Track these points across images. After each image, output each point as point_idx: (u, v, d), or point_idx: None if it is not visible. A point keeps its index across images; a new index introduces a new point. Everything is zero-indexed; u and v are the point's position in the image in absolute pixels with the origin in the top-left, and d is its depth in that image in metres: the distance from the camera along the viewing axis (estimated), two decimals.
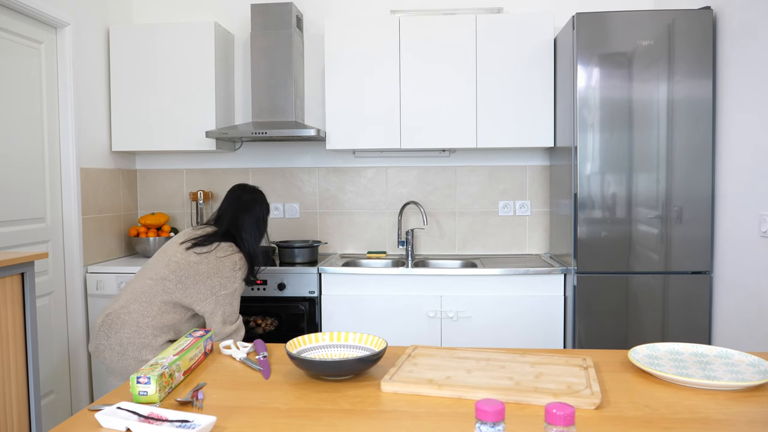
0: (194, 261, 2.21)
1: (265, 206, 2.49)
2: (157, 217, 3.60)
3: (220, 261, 2.22)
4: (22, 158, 2.81)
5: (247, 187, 2.52)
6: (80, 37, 3.18)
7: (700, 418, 1.08)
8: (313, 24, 3.67)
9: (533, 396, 1.15)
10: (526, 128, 3.27)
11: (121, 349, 2.11)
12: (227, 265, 2.23)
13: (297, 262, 3.28)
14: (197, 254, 2.22)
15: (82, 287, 3.19)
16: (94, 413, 1.09)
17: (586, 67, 2.87)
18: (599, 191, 2.90)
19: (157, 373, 1.19)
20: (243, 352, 1.51)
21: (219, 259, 2.23)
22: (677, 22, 2.82)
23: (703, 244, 2.85)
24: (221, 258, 2.23)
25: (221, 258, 2.23)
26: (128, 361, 2.11)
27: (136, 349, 2.11)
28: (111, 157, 3.51)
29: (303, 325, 3.11)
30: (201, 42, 3.39)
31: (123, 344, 2.11)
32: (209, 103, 3.40)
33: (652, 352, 1.43)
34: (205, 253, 2.23)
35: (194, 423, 1.05)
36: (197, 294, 2.18)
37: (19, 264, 2.14)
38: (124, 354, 2.11)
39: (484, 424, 0.84)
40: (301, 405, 1.17)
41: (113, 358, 2.12)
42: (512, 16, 3.27)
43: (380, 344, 1.39)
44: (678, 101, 2.83)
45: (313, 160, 3.73)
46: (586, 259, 2.92)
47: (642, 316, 2.90)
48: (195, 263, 2.20)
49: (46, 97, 2.98)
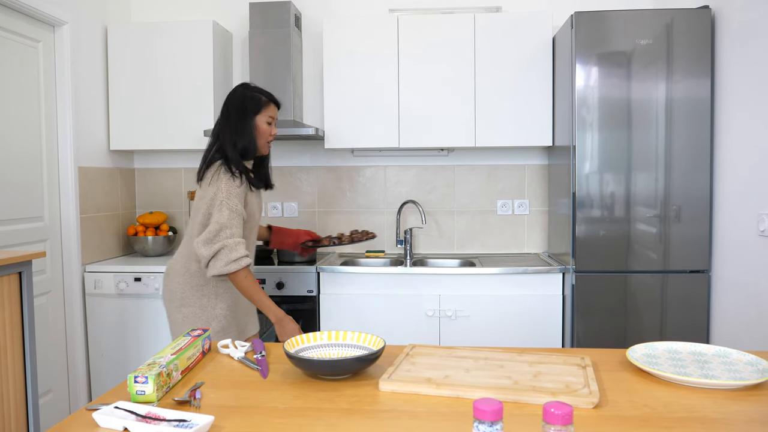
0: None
1: (237, 96, 2.18)
2: (155, 216, 3.60)
3: (203, 188, 2.12)
4: (20, 157, 2.81)
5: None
6: (78, 35, 3.17)
7: (698, 417, 1.08)
8: (311, 23, 3.67)
9: (531, 395, 1.15)
10: (524, 127, 3.27)
11: (170, 295, 2.19)
12: (205, 183, 2.11)
13: (295, 261, 3.27)
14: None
15: (80, 286, 3.18)
16: (91, 413, 1.09)
17: (585, 66, 2.86)
18: (598, 190, 2.90)
19: (155, 372, 1.19)
20: (241, 351, 1.51)
21: (204, 188, 2.12)
22: (676, 22, 2.82)
23: (701, 243, 2.85)
24: (204, 183, 2.13)
25: (204, 183, 2.13)
26: (172, 311, 2.18)
27: (177, 298, 2.16)
28: (109, 155, 3.50)
29: (301, 324, 3.11)
30: (199, 41, 3.39)
31: (171, 291, 2.18)
32: (207, 101, 3.40)
33: (650, 351, 1.43)
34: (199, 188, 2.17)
35: (192, 422, 1.04)
36: (191, 229, 2.15)
37: (17, 263, 2.14)
38: (171, 301, 2.18)
39: (482, 423, 0.83)
40: (299, 404, 1.17)
41: (166, 306, 2.21)
42: (511, 15, 3.27)
43: (378, 343, 1.39)
44: (677, 100, 2.83)
45: (312, 159, 3.73)
46: (585, 258, 2.92)
47: (640, 315, 2.90)
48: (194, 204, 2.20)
49: (44, 96, 2.97)
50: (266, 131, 2.18)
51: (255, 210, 2.21)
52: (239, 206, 2.06)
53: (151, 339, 3.17)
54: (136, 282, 3.16)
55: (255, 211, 2.21)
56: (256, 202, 2.23)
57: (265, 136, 2.19)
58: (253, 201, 2.20)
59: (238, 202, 2.06)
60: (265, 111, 2.18)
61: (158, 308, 3.16)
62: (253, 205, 2.19)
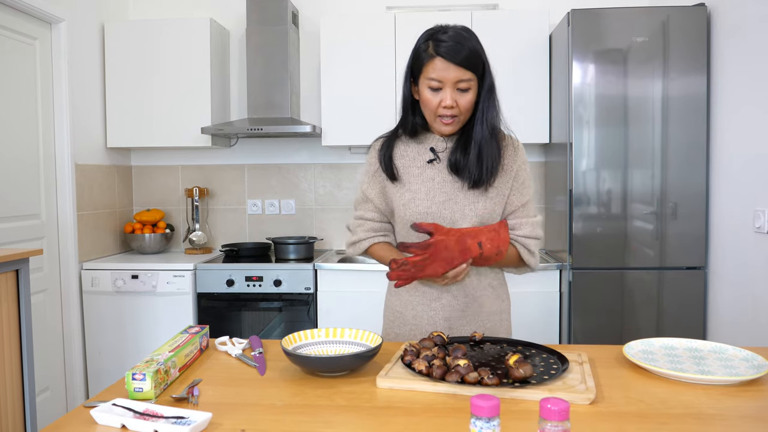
0: None
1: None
2: (152, 214, 3.59)
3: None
4: (17, 154, 2.80)
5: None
6: (75, 33, 3.16)
7: (694, 413, 1.08)
8: (308, 20, 3.66)
9: (528, 391, 1.16)
10: (521, 124, 3.23)
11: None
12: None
13: (293, 258, 3.27)
14: None
15: (78, 284, 3.18)
16: (89, 410, 1.09)
17: (581, 63, 2.87)
18: (594, 187, 2.91)
19: (153, 369, 1.19)
20: (238, 348, 1.51)
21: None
22: (672, 19, 2.82)
23: (697, 239, 2.86)
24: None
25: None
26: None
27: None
28: (106, 153, 3.50)
29: (299, 321, 3.11)
30: (196, 38, 3.38)
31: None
32: (205, 99, 3.39)
33: (646, 348, 1.44)
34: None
35: (190, 419, 1.05)
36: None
37: (14, 261, 2.13)
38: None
39: (479, 419, 0.84)
40: (297, 401, 1.17)
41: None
42: (507, 13, 3.27)
43: (376, 340, 1.39)
44: (673, 98, 2.84)
45: (309, 156, 3.72)
46: (581, 255, 2.92)
47: (637, 311, 2.91)
48: None
49: (40, 94, 2.96)
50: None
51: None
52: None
53: (148, 336, 3.17)
54: (134, 279, 3.16)
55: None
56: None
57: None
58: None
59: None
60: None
61: (156, 305, 3.16)
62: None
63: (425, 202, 1.56)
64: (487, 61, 1.54)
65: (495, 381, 1.16)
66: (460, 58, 1.45)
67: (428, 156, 1.59)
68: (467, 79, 1.47)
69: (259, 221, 3.77)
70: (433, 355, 1.27)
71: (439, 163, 1.58)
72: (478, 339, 1.45)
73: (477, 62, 1.49)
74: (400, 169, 1.61)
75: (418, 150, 1.61)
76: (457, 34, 1.47)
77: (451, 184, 1.56)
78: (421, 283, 1.63)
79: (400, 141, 1.65)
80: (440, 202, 1.55)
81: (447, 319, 1.61)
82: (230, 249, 3.43)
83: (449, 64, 1.45)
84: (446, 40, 1.45)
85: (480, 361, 1.32)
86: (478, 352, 1.40)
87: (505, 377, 1.21)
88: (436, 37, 1.48)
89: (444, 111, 1.49)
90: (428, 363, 1.24)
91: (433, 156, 1.59)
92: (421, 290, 1.63)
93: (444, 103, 1.47)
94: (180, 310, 3.15)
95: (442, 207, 1.55)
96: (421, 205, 1.56)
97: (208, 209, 3.77)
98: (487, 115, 1.54)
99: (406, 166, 1.61)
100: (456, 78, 1.46)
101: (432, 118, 1.53)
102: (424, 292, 1.63)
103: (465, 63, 1.46)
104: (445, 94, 1.47)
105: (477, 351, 1.40)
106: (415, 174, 1.59)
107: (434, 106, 1.49)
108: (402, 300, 1.68)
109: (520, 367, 1.18)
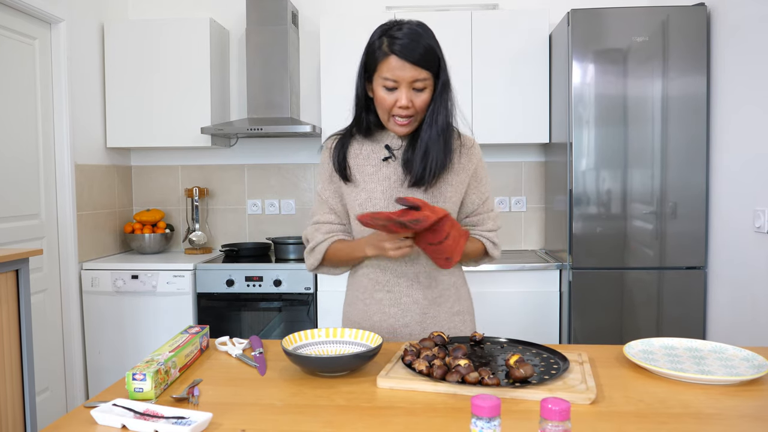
0: None
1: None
2: (152, 214, 3.59)
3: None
4: (17, 154, 2.80)
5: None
6: (75, 32, 3.16)
7: (694, 413, 1.08)
8: (308, 20, 3.66)
9: (529, 391, 1.16)
10: (521, 124, 3.27)
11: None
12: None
13: (293, 258, 3.27)
14: None
15: (77, 284, 3.18)
16: (89, 410, 1.09)
17: (581, 63, 2.87)
18: (594, 187, 2.91)
19: (153, 369, 1.19)
20: (239, 348, 1.51)
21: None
22: (671, 19, 2.82)
23: (697, 239, 2.86)
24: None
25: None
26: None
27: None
28: (106, 153, 3.50)
29: (299, 321, 3.11)
30: (196, 38, 3.38)
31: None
32: (204, 99, 3.39)
33: (646, 347, 1.44)
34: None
35: (190, 419, 1.05)
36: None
37: (14, 261, 2.13)
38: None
39: (479, 419, 0.84)
40: (297, 401, 1.17)
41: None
42: (507, 12, 3.27)
43: (376, 340, 1.39)
44: (672, 97, 2.84)
45: (309, 156, 3.72)
46: (581, 255, 2.92)
47: (637, 311, 2.91)
48: None
49: (40, 94, 2.96)
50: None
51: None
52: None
53: (148, 336, 3.17)
54: (134, 279, 3.16)
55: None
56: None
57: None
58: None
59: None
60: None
61: (155, 305, 3.16)
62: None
63: (382, 201, 1.52)
64: (443, 57, 1.49)
65: (495, 381, 1.16)
66: (416, 56, 1.41)
67: (383, 154, 1.56)
68: (423, 79, 1.44)
69: (259, 221, 3.77)
70: (434, 355, 1.27)
71: (394, 161, 1.55)
72: (479, 339, 1.45)
73: (433, 60, 1.45)
74: (354, 169, 1.56)
75: (373, 148, 1.58)
76: (412, 30, 1.43)
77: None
78: (375, 290, 1.59)
79: (354, 140, 1.61)
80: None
81: (406, 326, 1.59)
82: (230, 249, 3.43)
83: (405, 63, 1.41)
84: (401, 37, 1.42)
85: (480, 361, 1.33)
86: (479, 352, 1.40)
87: (505, 377, 1.21)
88: (390, 34, 1.44)
89: (399, 111, 1.46)
90: (429, 363, 1.24)
91: (388, 154, 1.55)
92: (377, 298, 1.60)
93: (399, 104, 1.44)
94: (180, 310, 3.15)
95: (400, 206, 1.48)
96: (378, 205, 1.52)
97: (207, 209, 3.77)
98: (437, 115, 1.50)
99: (360, 165, 1.57)
100: (412, 78, 1.42)
101: (386, 118, 1.50)
102: (380, 299, 1.59)
103: (421, 62, 1.42)
104: (400, 94, 1.44)
105: (477, 351, 1.40)
106: (370, 173, 1.55)
107: (389, 105, 1.46)
108: (357, 310, 1.65)
109: (520, 367, 1.18)
